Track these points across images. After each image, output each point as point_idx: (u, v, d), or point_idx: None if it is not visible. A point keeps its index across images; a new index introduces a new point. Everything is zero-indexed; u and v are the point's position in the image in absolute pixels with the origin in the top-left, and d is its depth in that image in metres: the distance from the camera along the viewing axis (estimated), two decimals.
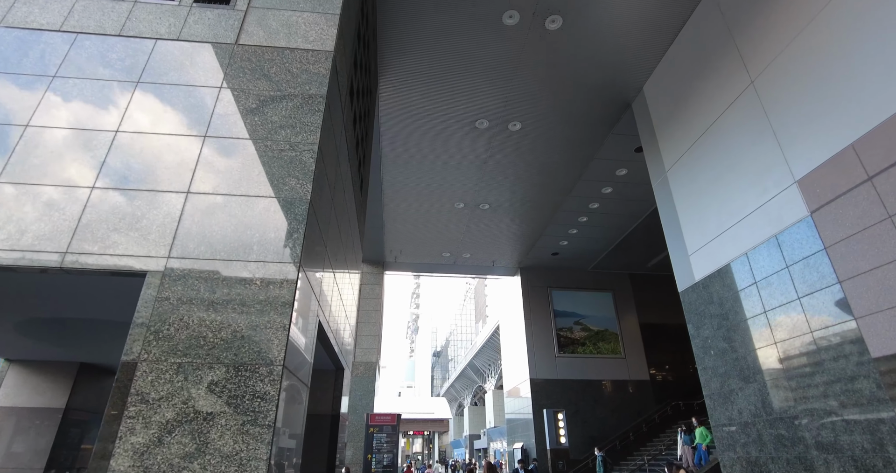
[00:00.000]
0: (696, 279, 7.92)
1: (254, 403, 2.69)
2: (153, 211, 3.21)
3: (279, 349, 2.85)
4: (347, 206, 5.37)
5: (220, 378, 2.74)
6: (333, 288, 4.77)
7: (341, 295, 5.39)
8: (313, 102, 3.80)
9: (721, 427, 7.13)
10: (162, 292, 2.94)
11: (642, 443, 15.91)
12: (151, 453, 2.50)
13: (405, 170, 12.79)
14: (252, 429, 2.63)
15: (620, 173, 12.95)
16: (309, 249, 3.40)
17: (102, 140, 3.42)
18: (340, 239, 5.01)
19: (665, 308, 19.16)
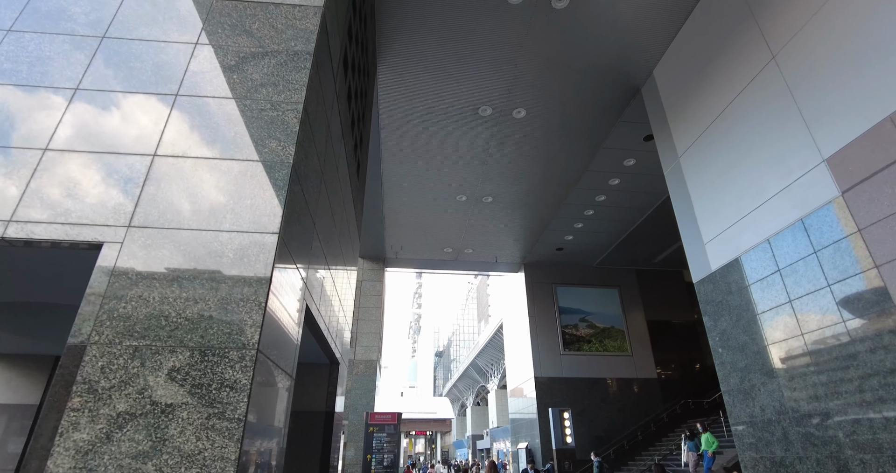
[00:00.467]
0: (713, 269, 7.49)
1: (221, 393, 2.28)
2: (114, 175, 2.81)
3: (253, 330, 2.44)
4: (341, 186, 4.96)
5: (183, 363, 2.33)
6: (325, 273, 4.35)
7: (335, 282, 4.97)
8: (299, 59, 3.39)
9: (741, 424, 6.70)
10: (120, 265, 2.53)
11: (651, 443, 15.47)
12: (97, 452, 2.09)
13: (405, 161, 12.38)
14: (219, 424, 2.22)
15: (628, 163, 12.52)
16: (292, 220, 2.99)
17: (60, 98, 3.02)
18: (333, 220, 4.60)
19: (672, 304, 18.75)
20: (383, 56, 8.92)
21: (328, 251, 4.46)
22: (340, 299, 5.57)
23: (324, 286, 4.37)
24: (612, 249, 17.61)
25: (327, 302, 4.72)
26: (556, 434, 14.58)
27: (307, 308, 3.59)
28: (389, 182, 13.34)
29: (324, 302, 4.50)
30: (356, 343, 16.59)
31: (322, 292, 4.30)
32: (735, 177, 7.08)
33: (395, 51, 8.84)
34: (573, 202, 14.32)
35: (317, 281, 4.00)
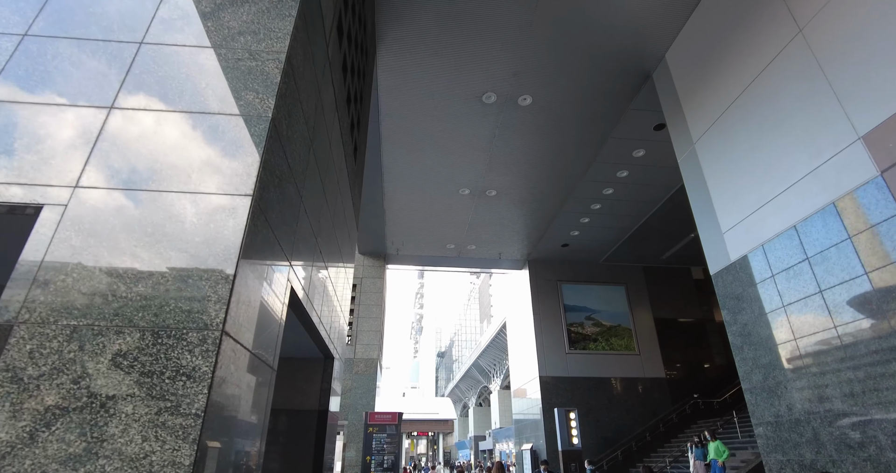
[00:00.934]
0: (732, 259, 7.05)
1: (176, 383, 1.86)
2: (62, 130, 2.39)
3: (218, 308, 2.02)
4: (334, 164, 4.54)
5: (132, 347, 1.91)
6: (315, 254, 3.93)
7: (329, 270, 4.55)
8: (283, 6, 2.98)
9: (765, 425, 6.25)
10: (62, 231, 2.11)
11: (660, 444, 15.01)
12: (17, 455, 1.67)
13: (406, 153, 11.96)
14: (171, 420, 1.79)
15: (638, 154, 12.08)
16: (270, 184, 2.56)
17: (4, 43, 2.60)
18: (326, 199, 4.18)
19: (681, 302, 18.30)
20: (383, 38, 8.51)
21: (320, 234, 4.05)
22: (335, 290, 5.15)
23: (315, 271, 3.95)
24: (620, 245, 17.16)
25: (320, 290, 4.31)
26: (561, 435, 14.12)
27: (292, 290, 3.16)
28: (390, 174, 12.93)
29: (315, 290, 4.09)
30: (356, 341, 16.17)
31: (313, 278, 3.89)
32: (757, 160, 6.65)
33: (395, 33, 8.43)
34: (580, 195, 13.87)
35: (306, 264, 3.58)
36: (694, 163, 8.14)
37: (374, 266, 17.71)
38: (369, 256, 17.79)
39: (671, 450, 14.25)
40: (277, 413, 4.92)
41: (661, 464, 12.99)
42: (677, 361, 17.30)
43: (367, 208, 14.68)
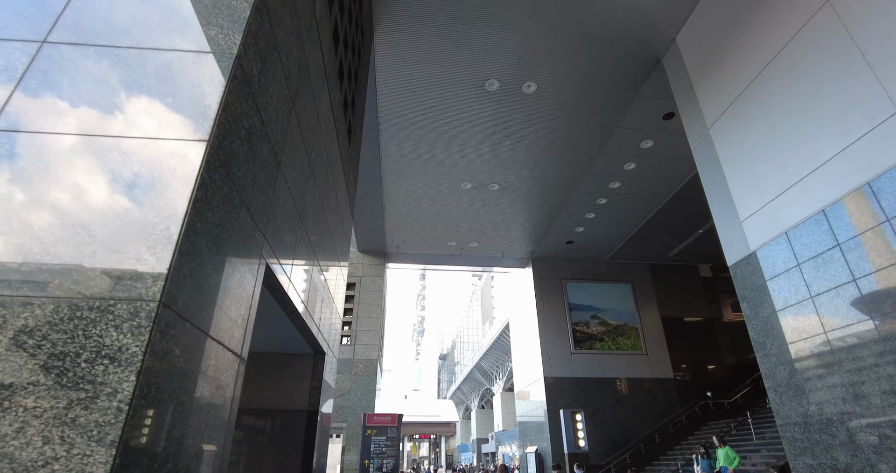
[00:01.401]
0: (752, 248, 6.61)
1: (95, 368, 1.43)
2: None
3: (156, 274, 1.59)
4: (323, 137, 4.12)
5: (41, 321, 1.48)
6: (299, 234, 3.50)
7: (316, 252, 4.12)
8: None
9: (792, 425, 5.80)
10: None
11: (669, 447, 14.52)
12: None
13: (406, 144, 11.55)
14: (84, 416, 1.36)
15: (646, 145, 11.65)
16: (233, 133, 2.13)
17: None
18: (312, 173, 3.75)
19: (688, 300, 17.85)
20: (381, 18, 8.10)
21: (305, 213, 3.62)
22: (327, 280, 4.73)
23: (300, 253, 3.52)
24: (626, 242, 16.72)
25: (308, 277, 3.88)
26: (567, 437, 13.66)
27: (269, 270, 2.74)
28: (389, 168, 12.51)
29: (301, 276, 3.67)
30: (355, 341, 15.73)
31: (293, 257, 3.46)
32: (779, 142, 6.21)
33: (393, 13, 8.02)
34: (585, 189, 13.44)
35: (287, 244, 3.15)
36: (708, 150, 7.70)
37: (374, 264, 17.29)
38: (369, 254, 17.37)
39: (682, 453, 13.76)
40: (262, 413, 4.50)
41: (672, 468, 12.48)
42: (686, 361, 16.82)
43: (366, 205, 14.27)
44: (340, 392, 14.74)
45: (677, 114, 10.60)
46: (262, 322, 3.93)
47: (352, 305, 16.38)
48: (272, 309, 3.53)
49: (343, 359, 15.36)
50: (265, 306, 3.54)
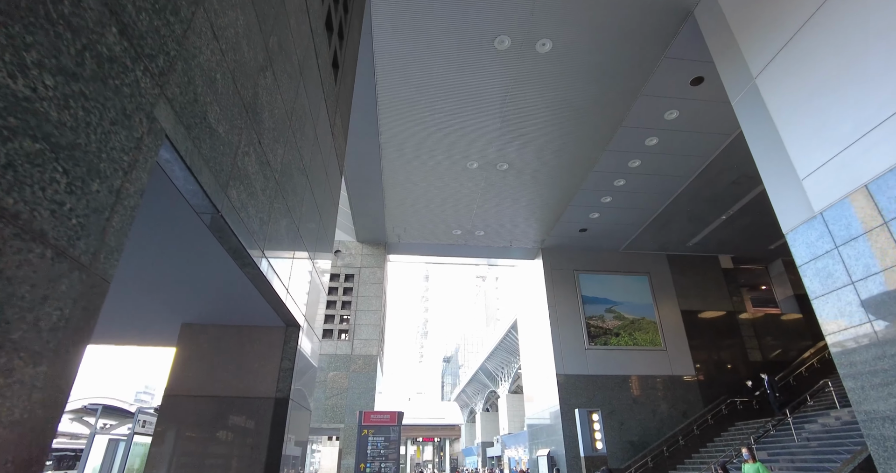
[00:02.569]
0: (817, 209, 5.54)
1: None
2: None
3: None
4: (295, 50, 3.08)
5: None
6: (253, 146, 2.46)
7: (277, 176, 3.08)
8: None
9: (880, 421, 4.71)
10: None
11: (695, 449, 13.38)
12: None
13: (407, 116, 10.53)
14: None
15: (670, 116, 10.59)
16: None
17: None
18: (274, 77, 2.72)
19: (709, 293, 16.75)
20: None
21: (256, 109, 2.59)
22: (300, 224, 3.69)
23: (245, 161, 2.48)
24: (642, 230, 15.62)
25: (264, 208, 2.86)
26: (584, 438, 12.54)
27: (173, 150, 1.69)
28: (389, 145, 11.48)
29: (250, 199, 2.63)
30: (353, 336, 14.69)
31: (243, 170, 2.42)
32: (853, 80, 5.16)
33: None
34: (602, 169, 12.37)
35: (219, 134, 2.11)
36: (755, 103, 6.65)
37: (374, 255, 16.25)
38: (368, 244, 16.34)
39: (709, 456, 12.61)
40: (215, 401, 3.46)
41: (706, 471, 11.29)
42: (708, 357, 15.69)
43: (364, 188, 13.26)
44: (337, 390, 13.69)
45: (707, 78, 9.61)
46: (207, 275, 2.90)
47: (350, 298, 15.35)
48: (212, 251, 2.50)
49: (340, 355, 14.32)
50: (201, 243, 2.51)
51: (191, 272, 2.95)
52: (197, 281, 3.13)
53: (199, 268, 2.87)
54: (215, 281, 3.01)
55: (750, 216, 14.90)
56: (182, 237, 2.53)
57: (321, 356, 14.17)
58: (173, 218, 2.32)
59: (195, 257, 2.77)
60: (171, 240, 2.60)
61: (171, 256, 2.77)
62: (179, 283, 3.13)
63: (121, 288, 3.17)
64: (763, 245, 17.16)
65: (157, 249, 2.70)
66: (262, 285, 2.95)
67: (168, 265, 2.89)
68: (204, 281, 3.06)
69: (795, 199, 5.90)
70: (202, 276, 3.05)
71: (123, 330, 3.93)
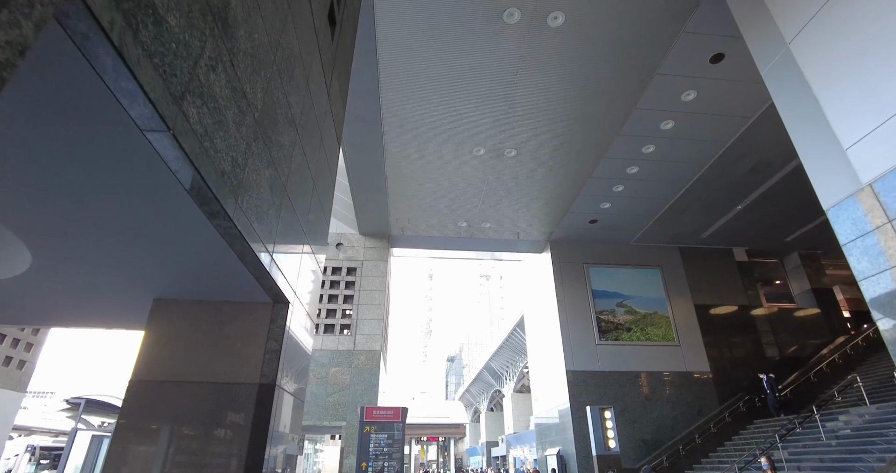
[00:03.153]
0: (864, 181, 5.01)
1: None
2: None
3: None
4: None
5: None
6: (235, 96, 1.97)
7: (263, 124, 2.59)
8: None
9: None
10: None
11: (712, 448, 12.82)
12: None
13: (410, 100, 10.03)
14: None
15: (688, 97, 10.05)
16: None
17: None
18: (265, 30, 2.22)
19: (723, 286, 16.20)
20: None
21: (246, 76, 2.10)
22: (287, 182, 3.20)
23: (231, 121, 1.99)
24: (654, 222, 15.07)
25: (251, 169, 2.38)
26: (596, 437, 12.02)
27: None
28: (392, 131, 10.99)
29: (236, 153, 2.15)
30: (356, 331, 14.20)
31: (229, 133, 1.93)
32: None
33: None
34: (615, 155, 11.84)
35: (199, 81, 1.62)
36: (789, 71, 6.11)
37: (377, 248, 15.76)
38: (371, 237, 15.85)
39: (728, 455, 12.05)
40: (189, 387, 2.96)
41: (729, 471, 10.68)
42: (723, 353, 15.13)
43: (367, 177, 12.77)
44: (339, 387, 13.21)
45: (728, 55, 9.08)
46: (176, 234, 2.42)
47: (352, 292, 14.87)
48: (176, 197, 2.01)
49: (342, 351, 13.83)
50: (163, 190, 2.03)
51: (156, 229, 2.46)
52: (166, 245, 2.65)
53: (166, 225, 2.38)
54: (187, 242, 2.52)
55: (766, 206, 14.33)
56: (141, 182, 2.05)
57: (321, 351, 13.69)
58: (126, 153, 1.84)
59: (159, 209, 2.28)
60: (131, 188, 2.12)
61: (133, 210, 2.28)
62: (146, 247, 2.65)
63: (75, 255, 2.69)
64: (779, 237, 16.58)
65: (117, 201, 2.21)
66: (239, 247, 2.45)
67: (130, 222, 2.41)
68: (174, 244, 2.58)
69: (838, 172, 5.37)
70: (172, 238, 2.57)
71: (86, 309, 3.45)
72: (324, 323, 14.29)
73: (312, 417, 12.81)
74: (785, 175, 12.79)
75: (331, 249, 15.42)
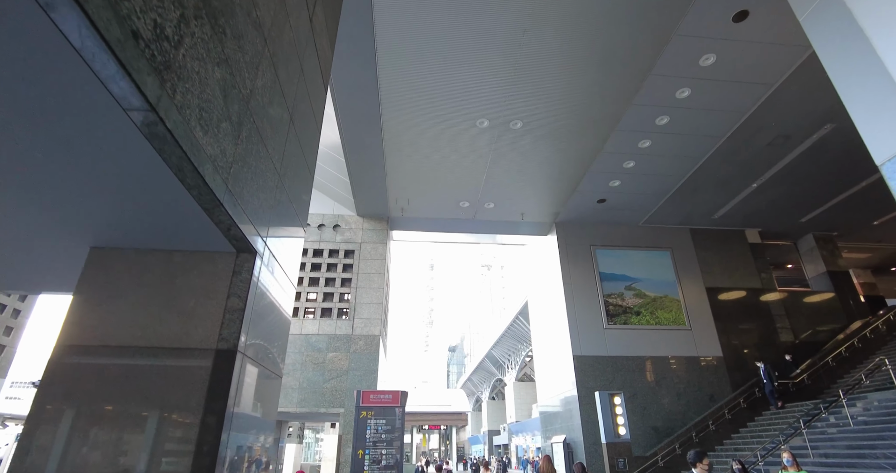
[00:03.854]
0: None
1: None
2: None
3: None
4: None
5: None
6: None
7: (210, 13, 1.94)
8: None
9: None
10: None
11: (727, 435, 12.30)
12: None
13: (409, 66, 9.35)
14: None
15: (706, 62, 9.36)
16: None
17: None
18: None
19: (735, 269, 15.61)
20: None
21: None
22: (254, 89, 2.56)
23: None
24: (665, 201, 14.41)
25: (199, 67, 1.75)
26: (605, 423, 11.47)
27: None
28: (389, 102, 10.31)
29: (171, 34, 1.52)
30: (354, 315, 13.64)
31: None
32: None
33: None
34: (627, 127, 11.16)
35: None
36: (835, 11, 5.43)
37: (376, 230, 15.14)
38: (369, 219, 15.23)
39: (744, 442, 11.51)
40: (129, 353, 2.36)
41: (730, 459, 10.11)
42: (735, 337, 14.56)
43: (364, 155, 12.12)
44: (337, 372, 12.67)
45: (753, 12, 8.37)
46: (114, 161, 1.79)
47: (350, 275, 14.28)
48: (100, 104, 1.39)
49: (340, 335, 13.28)
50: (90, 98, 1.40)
51: (90, 157, 1.84)
52: (104, 178, 2.03)
53: (96, 141, 1.76)
54: (125, 165, 1.90)
55: (783, 184, 13.67)
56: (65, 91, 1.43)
57: (318, 336, 13.14)
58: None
59: (89, 129, 1.66)
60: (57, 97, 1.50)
61: (46, 110, 1.66)
62: (76, 175, 2.03)
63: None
64: (794, 218, 15.93)
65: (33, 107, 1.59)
66: (175, 160, 1.83)
67: (51, 140, 1.79)
68: (111, 171, 1.95)
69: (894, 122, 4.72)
70: (109, 168, 1.95)
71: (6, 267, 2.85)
72: (321, 307, 13.72)
73: (309, 404, 12.30)
74: (804, 150, 12.11)
75: (327, 230, 14.81)
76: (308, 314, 13.60)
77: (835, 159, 12.37)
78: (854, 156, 11.21)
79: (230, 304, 2.49)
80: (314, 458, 21.30)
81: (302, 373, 12.59)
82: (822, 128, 11.18)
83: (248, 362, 2.56)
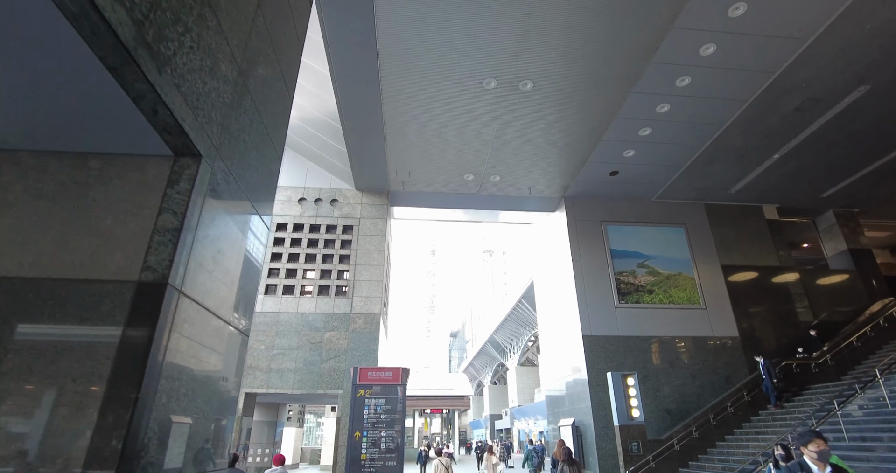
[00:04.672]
0: None
1: None
2: None
3: None
4: None
5: None
6: None
7: None
8: None
9: None
10: None
11: (746, 418, 11.69)
12: None
13: (410, 25, 8.54)
14: None
15: (735, 12, 8.52)
16: None
17: None
18: None
19: (752, 246, 14.90)
20: None
21: None
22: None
23: None
24: (680, 174, 13.66)
25: None
26: (618, 405, 10.91)
27: None
28: (389, 62, 9.51)
29: None
30: (353, 292, 12.99)
31: None
32: None
33: None
34: (644, 89, 10.35)
35: None
36: None
37: (376, 205, 14.43)
38: (368, 193, 14.50)
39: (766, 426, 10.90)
40: (15, 286, 1.66)
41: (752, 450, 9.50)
42: (752, 317, 13.91)
43: (362, 122, 11.35)
44: (335, 352, 12.07)
45: None
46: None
47: (349, 251, 13.60)
48: None
49: (338, 314, 12.65)
50: None
51: None
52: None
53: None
54: (13, 34, 1.19)
55: (805, 155, 12.88)
56: None
57: (315, 315, 12.50)
58: None
59: None
60: None
61: None
62: None
63: None
64: (814, 192, 15.15)
65: None
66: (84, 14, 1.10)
67: None
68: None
69: None
70: None
71: None
72: (318, 285, 13.08)
73: (307, 385, 11.72)
74: (833, 117, 11.30)
75: (324, 205, 14.10)
76: (305, 293, 12.98)
77: (867, 126, 11.57)
78: (892, 121, 10.43)
79: (161, 222, 1.79)
80: (315, 442, 20.82)
81: (298, 353, 12.00)
82: (855, 89, 10.36)
83: (189, 304, 1.86)
